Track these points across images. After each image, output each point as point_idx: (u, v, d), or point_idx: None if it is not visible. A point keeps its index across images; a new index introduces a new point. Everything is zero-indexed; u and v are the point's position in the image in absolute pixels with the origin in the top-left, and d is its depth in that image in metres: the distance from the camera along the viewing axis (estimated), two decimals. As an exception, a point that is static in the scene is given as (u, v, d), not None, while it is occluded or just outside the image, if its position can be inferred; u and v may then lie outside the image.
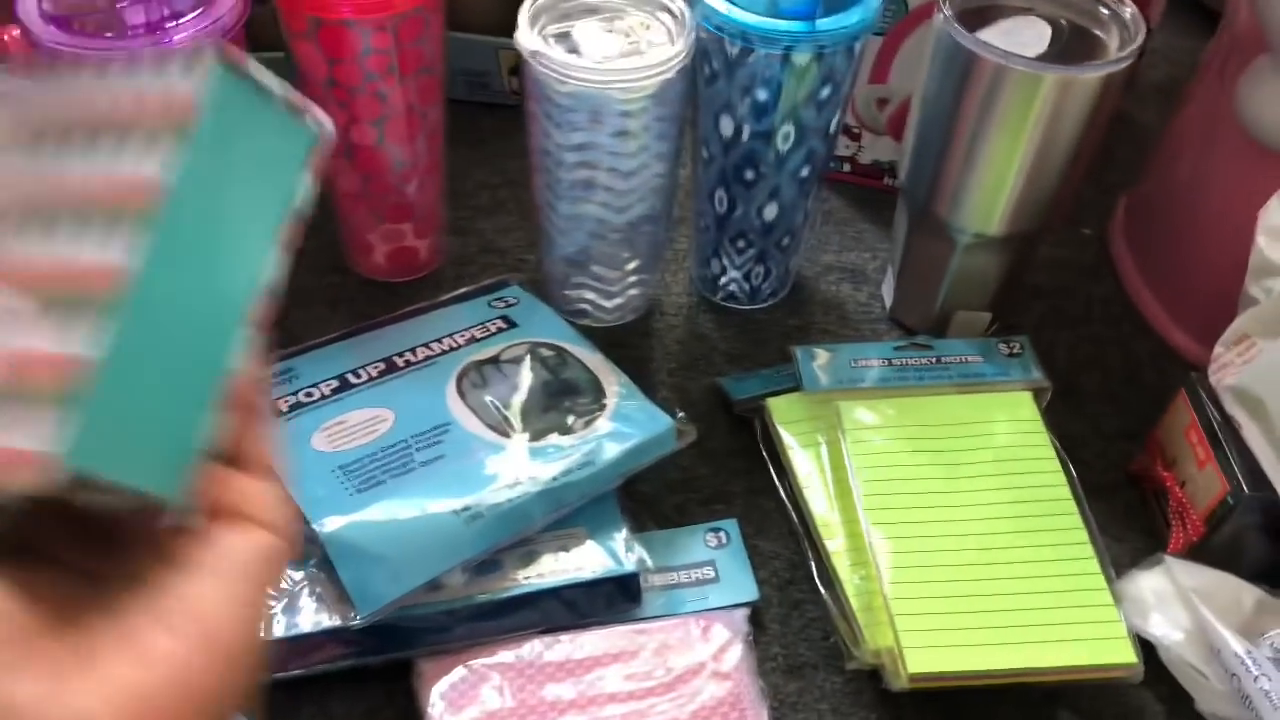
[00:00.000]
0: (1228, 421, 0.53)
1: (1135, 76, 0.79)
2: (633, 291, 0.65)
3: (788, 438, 0.58)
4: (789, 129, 0.57)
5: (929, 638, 0.49)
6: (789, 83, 0.55)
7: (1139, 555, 0.56)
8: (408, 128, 0.60)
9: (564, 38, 0.55)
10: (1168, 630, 0.51)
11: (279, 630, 0.49)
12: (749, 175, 0.60)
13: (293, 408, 0.55)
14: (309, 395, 0.56)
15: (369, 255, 0.66)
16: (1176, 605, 0.51)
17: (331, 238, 0.69)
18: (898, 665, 0.48)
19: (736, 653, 0.50)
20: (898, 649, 0.49)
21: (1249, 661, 0.47)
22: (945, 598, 0.50)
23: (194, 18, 0.53)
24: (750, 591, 0.53)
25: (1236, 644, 0.48)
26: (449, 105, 0.63)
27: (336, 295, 0.67)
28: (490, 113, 0.78)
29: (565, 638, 0.50)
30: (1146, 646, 0.51)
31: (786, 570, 0.55)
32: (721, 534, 0.55)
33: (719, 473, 0.59)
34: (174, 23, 0.53)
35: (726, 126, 0.58)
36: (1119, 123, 0.78)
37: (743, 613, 0.52)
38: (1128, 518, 0.58)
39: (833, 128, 0.59)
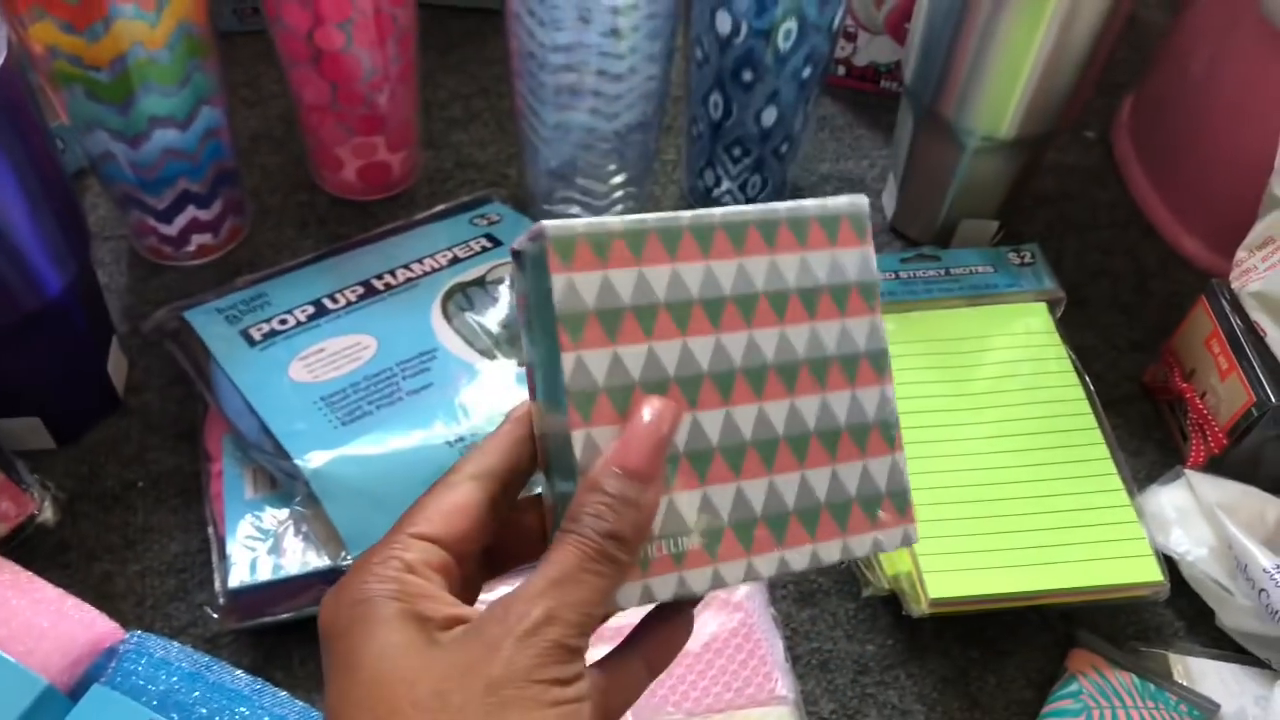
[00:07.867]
0: (1251, 329, 0.51)
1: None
2: (620, 206, 0.61)
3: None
4: (791, 25, 0.53)
5: (949, 561, 0.47)
6: (791, -26, 0.51)
7: (1156, 469, 0.54)
8: (377, 30, 0.55)
9: (547, -73, 0.51)
10: (1190, 546, 0.49)
11: (265, 573, 0.46)
12: (747, 76, 0.56)
13: (266, 335, 0.51)
14: (283, 322, 0.52)
15: (339, 171, 0.62)
16: (1199, 520, 0.50)
17: (298, 153, 0.64)
18: (917, 590, 0.46)
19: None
20: (917, 574, 0.47)
21: (1279, 576, 0.46)
22: (964, 519, 0.48)
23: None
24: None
25: (1265, 558, 0.46)
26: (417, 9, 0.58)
27: (305, 215, 0.62)
28: (459, 17, 0.73)
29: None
30: (1166, 563, 0.49)
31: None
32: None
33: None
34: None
35: (724, 23, 0.54)
36: (1122, 19, 0.75)
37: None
38: (1143, 431, 0.56)
39: (836, 24, 0.55)
